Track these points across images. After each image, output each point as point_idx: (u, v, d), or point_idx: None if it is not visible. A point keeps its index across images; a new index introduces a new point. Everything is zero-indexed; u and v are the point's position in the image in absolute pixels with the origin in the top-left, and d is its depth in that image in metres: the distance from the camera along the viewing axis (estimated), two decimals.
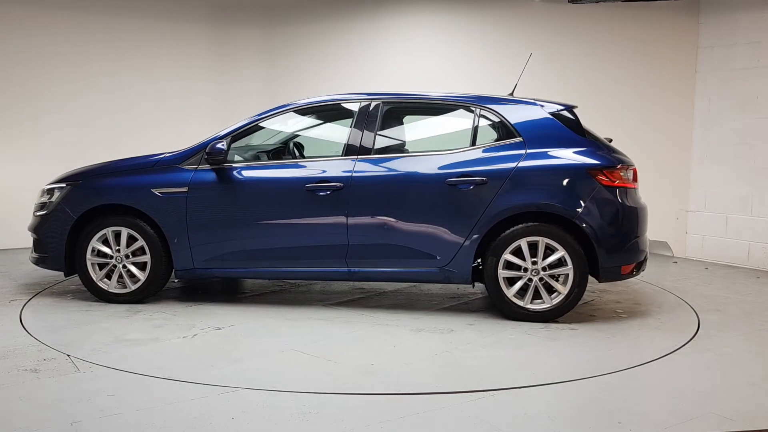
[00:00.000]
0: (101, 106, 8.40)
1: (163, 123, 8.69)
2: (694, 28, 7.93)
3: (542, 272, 5.09)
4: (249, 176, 5.39)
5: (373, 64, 8.70)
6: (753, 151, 7.51)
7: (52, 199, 5.65)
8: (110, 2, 8.42)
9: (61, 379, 3.89)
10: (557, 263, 5.07)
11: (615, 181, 5.11)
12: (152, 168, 5.54)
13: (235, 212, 5.37)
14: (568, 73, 8.16)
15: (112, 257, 5.51)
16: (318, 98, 5.69)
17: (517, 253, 5.11)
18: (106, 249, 5.51)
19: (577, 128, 5.29)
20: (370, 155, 5.31)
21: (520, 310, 5.13)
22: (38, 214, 5.72)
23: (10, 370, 4.03)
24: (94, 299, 5.61)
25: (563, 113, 5.35)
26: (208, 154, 5.33)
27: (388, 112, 5.50)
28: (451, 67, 8.44)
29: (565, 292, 5.07)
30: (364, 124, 5.38)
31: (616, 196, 5.11)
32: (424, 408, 3.56)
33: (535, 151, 5.15)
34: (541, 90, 6.42)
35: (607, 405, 3.68)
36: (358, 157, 5.30)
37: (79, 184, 5.62)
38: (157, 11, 8.68)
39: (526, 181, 5.10)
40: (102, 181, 5.62)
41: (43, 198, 5.75)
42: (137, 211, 5.45)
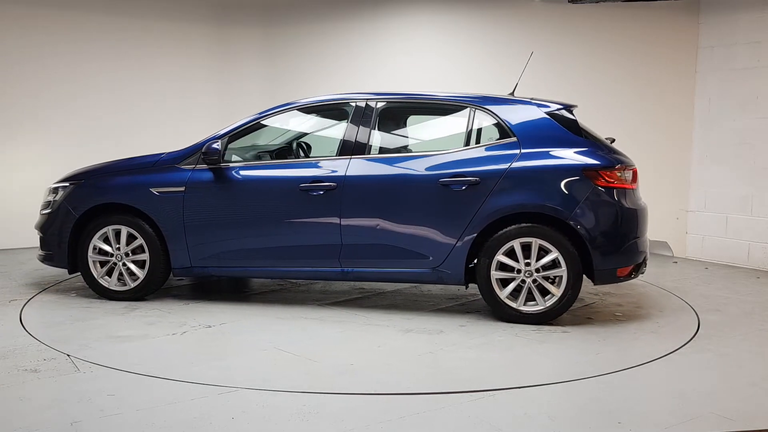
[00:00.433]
0: (101, 106, 8.41)
1: (163, 123, 8.70)
2: (694, 28, 7.92)
3: (535, 274, 5.02)
4: (244, 176, 5.40)
5: (373, 64, 8.70)
6: (753, 151, 7.51)
7: (56, 198, 5.73)
8: (110, 2, 8.42)
9: (61, 379, 3.89)
10: (551, 265, 5.01)
11: (612, 181, 5.01)
12: (151, 168, 5.58)
13: (231, 212, 5.39)
14: (568, 73, 8.15)
15: (112, 255, 5.56)
16: (315, 98, 5.70)
17: (511, 254, 5.05)
18: (107, 247, 5.56)
19: (575, 128, 5.20)
20: (363, 155, 5.30)
21: (513, 312, 5.08)
22: (44, 212, 5.81)
23: (10, 370, 4.03)
24: (95, 297, 5.65)
25: (561, 113, 5.27)
26: (204, 154, 5.36)
27: (384, 112, 5.49)
28: (451, 67, 8.44)
29: (559, 294, 5.01)
30: (359, 124, 5.37)
31: (613, 197, 5.02)
32: (424, 408, 3.56)
33: (530, 151, 5.09)
34: (542, 90, 6.41)
35: (607, 405, 3.67)
36: (352, 157, 5.29)
37: (81, 183, 5.70)
38: (157, 11, 8.67)
39: (520, 182, 5.03)
40: (103, 181, 5.69)
41: (49, 197, 5.84)
42: (137, 210, 5.50)
